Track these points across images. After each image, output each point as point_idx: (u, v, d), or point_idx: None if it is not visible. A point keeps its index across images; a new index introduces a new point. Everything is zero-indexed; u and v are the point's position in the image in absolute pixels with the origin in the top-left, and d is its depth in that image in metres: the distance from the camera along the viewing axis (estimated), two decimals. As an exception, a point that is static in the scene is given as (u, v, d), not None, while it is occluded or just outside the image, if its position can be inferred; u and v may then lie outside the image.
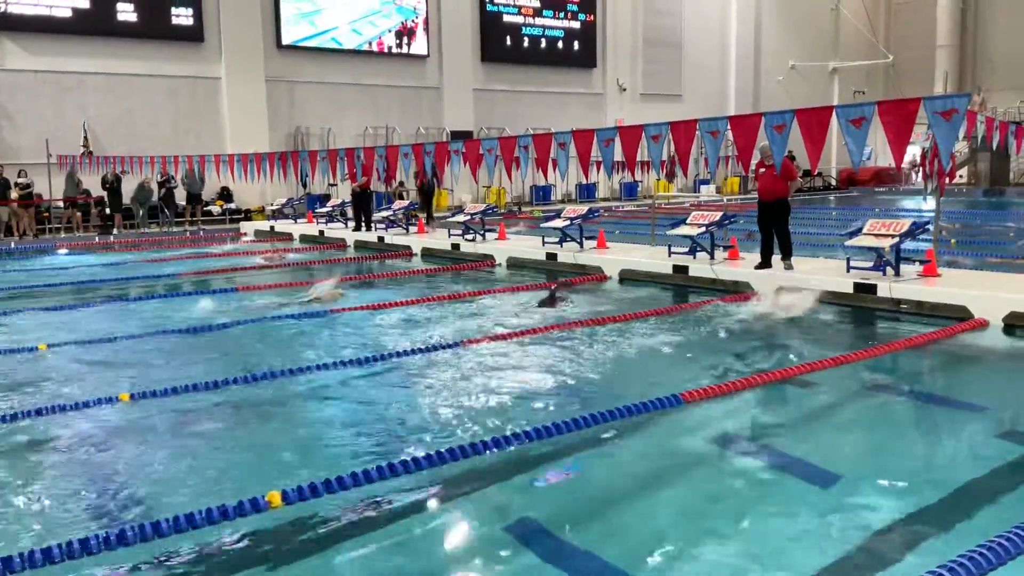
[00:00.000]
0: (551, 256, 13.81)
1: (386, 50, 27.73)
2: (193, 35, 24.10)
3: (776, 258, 11.07)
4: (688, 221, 12.49)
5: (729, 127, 11.17)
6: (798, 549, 3.95)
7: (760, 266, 11.09)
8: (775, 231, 11.00)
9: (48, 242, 19.61)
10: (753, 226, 11.64)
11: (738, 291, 10.81)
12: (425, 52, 28.47)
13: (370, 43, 27.45)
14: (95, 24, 22.62)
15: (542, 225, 15.05)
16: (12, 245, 19.09)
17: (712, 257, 11.97)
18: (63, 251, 18.18)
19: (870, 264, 10.37)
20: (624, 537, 4.10)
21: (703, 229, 12.07)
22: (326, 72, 26.57)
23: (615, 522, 4.25)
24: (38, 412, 6.08)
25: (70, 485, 4.84)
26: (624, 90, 33.23)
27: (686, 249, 12.29)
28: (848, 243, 10.72)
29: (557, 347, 8.07)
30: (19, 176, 20.47)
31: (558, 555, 3.94)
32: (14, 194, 20.37)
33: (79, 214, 21.78)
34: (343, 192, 22.32)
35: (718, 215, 12.33)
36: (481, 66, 29.94)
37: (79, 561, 3.74)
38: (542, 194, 29.32)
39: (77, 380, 7.15)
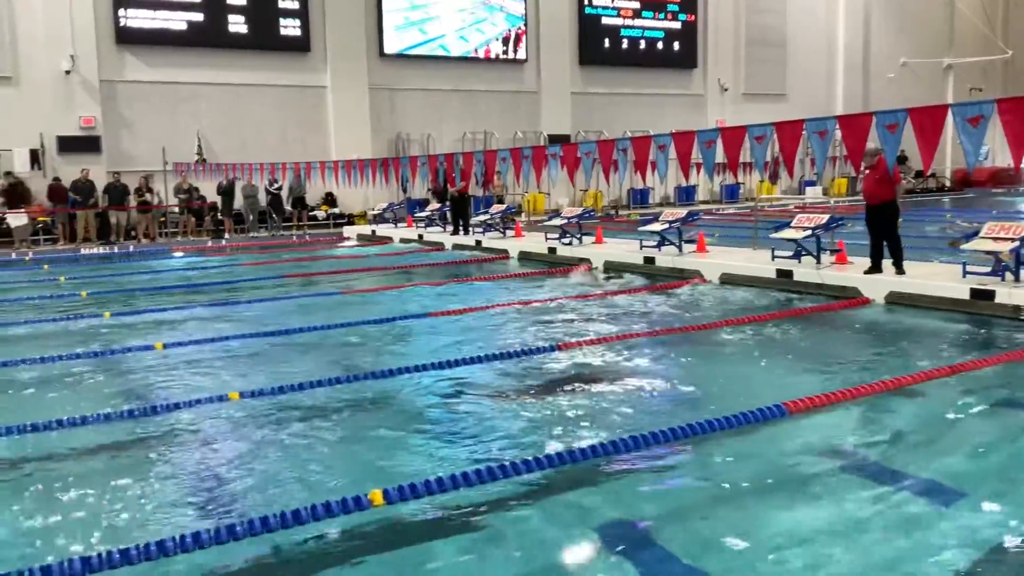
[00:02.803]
0: (649, 260, 13.65)
1: (493, 57, 28.09)
2: (300, 46, 24.89)
3: (887, 263, 10.64)
4: (793, 224, 12.14)
5: (838, 127, 10.81)
6: (914, 572, 3.77)
7: (870, 271, 10.68)
8: (884, 235, 10.59)
9: (164, 245, 20.58)
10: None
11: (846, 296, 10.45)
12: (524, 56, 28.64)
13: (476, 50, 27.86)
14: (209, 36, 23.63)
15: (640, 229, 14.90)
16: (131, 248, 20.11)
17: (818, 261, 11.60)
18: (178, 254, 19.05)
19: (988, 269, 9.86)
20: (723, 552, 3.99)
21: (809, 232, 11.71)
22: (426, 79, 27.03)
23: (714, 535, 4.14)
24: (153, 409, 6.36)
25: (183, 480, 5.04)
26: (726, 90, 32.60)
27: (791, 253, 11.94)
28: (964, 247, 10.22)
29: (654, 353, 7.96)
30: (148, 181, 21.60)
31: (654, 565, 3.87)
32: (133, 200, 21.48)
33: (193, 219, 22.78)
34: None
35: (825, 218, 11.93)
36: (579, 69, 29.89)
37: (192, 554, 3.88)
38: (640, 197, 29.03)
39: (191, 378, 7.46)
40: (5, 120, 21.17)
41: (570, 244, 15.67)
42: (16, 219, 20.38)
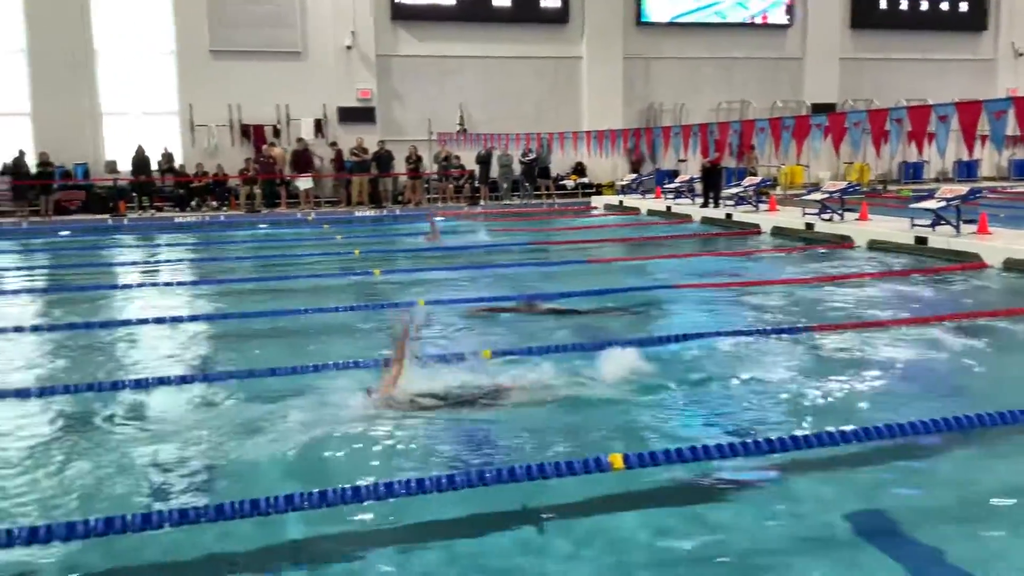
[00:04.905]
0: (920, 240, 12.59)
1: (771, 23, 27.18)
2: (559, 17, 25.36)
3: None
4: (1097, 205, 10.69)
5: None
6: None
7: None
8: None
9: (426, 210, 21.93)
10: None
11: None
12: (787, 21, 27.27)
13: (752, 18, 27.07)
14: (474, 11, 24.72)
15: (912, 206, 13.78)
16: (397, 212, 21.64)
17: None
18: (439, 218, 20.19)
19: None
20: (983, 555, 3.67)
21: (1117, 215, 10.26)
22: (682, 47, 26.56)
23: (972, 537, 3.83)
24: (416, 359, 6.84)
25: (438, 427, 5.40)
26: (1021, 55, 29.11)
27: (1092, 238, 10.55)
28: None
29: (920, 341, 7.37)
30: (416, 150, 23.08)
31: (906, 561, 3.64)
32: (404, 168, 23.06)
33: (451, 186, 24.09)
34: (692, 168, 22.22)
35: None
36: (850, 33, 27.98)
37: (444, 495, 4.17)
38: (912, 172, 26.78)
39: (447, 334, 7.95)
40: (296, 92, 23.51)
41: (830, 220, 14.81)
42: (303, 182, 22.65)
